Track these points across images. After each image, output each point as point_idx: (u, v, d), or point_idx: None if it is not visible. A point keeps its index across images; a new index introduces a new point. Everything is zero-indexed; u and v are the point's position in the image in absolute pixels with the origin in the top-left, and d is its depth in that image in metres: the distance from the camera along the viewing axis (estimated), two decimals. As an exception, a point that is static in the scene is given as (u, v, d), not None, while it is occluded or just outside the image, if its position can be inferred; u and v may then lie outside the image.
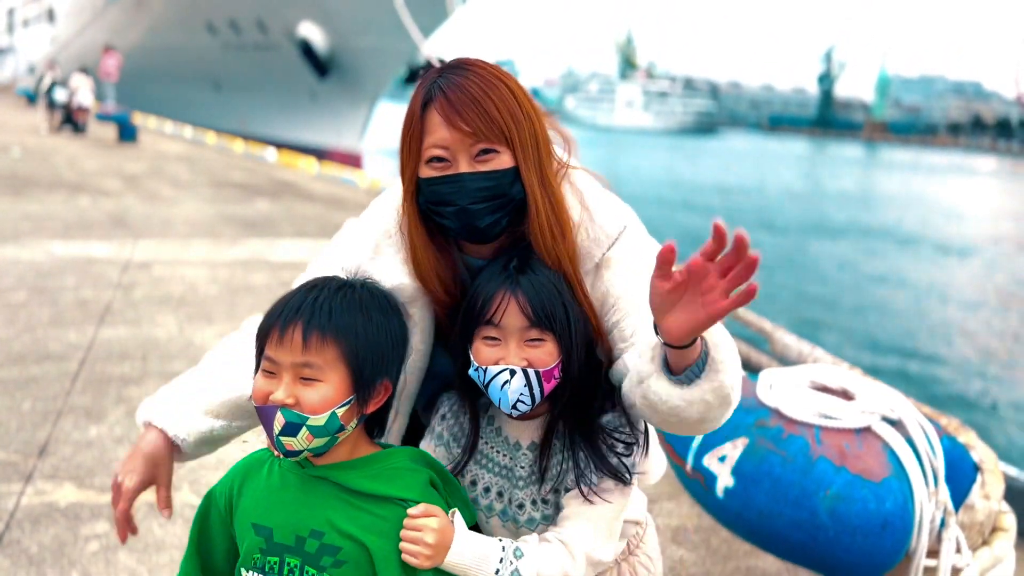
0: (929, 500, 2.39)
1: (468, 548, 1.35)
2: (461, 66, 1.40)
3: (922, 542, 2.37)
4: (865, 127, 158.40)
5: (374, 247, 1.52)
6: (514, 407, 1.38)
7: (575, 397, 1.43)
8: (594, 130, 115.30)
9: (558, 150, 1.54)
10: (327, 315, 1.31)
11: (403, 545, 1.32)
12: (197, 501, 3.44)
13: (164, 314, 6.19)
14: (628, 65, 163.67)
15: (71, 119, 21.34)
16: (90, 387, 4.66)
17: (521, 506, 1.46)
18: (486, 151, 1.38)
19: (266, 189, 13.98)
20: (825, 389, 2.70)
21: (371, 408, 1.37)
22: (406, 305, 1.50)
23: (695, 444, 2.65)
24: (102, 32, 37.69)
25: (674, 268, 1.20)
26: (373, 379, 1.35)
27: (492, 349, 1.39)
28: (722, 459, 2.53)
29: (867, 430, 2.50)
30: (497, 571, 1.36)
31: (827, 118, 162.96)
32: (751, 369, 4.15)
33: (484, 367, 1.38)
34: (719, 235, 1.15)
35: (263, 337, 1.34)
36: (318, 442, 1.32)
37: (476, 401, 1.52)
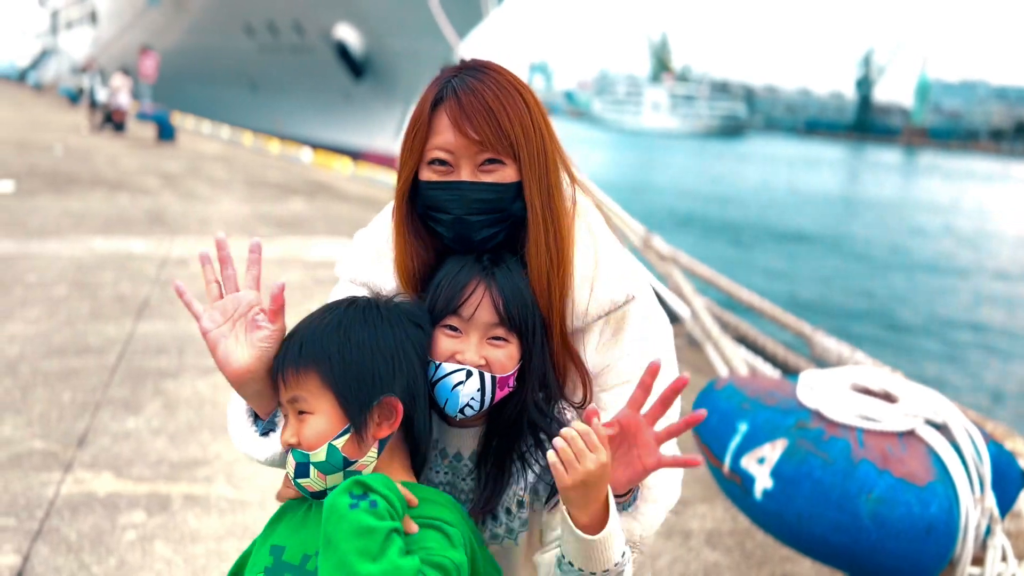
0: (975, 506, 2.33)
1: (615, 511, 1.21)
2: (479, 68, 1.33)
3: (967, 549, 2.31)
4: (904, 132, 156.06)
5: (375, 254, 1.47)
6: (461, 411, 1.28)
7: (518, 412, 1.32)
8: (620, 133, 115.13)
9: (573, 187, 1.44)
10: (298, 345, 1.27)
11: (560, 448, 1.15)
12: (232, 493, 3.48)
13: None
14: (662, 68, 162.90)
15: (111, 119, 21.72)
16: (128, 380, 4.72)
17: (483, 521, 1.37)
18: (491, 161, 1.30)
19: (301, 189, 14.10)
20: (867, 391, 2.64)
21: (381, 433, 1.25)
22: None
23: (733, 445, 2.61)
24: (142, 34, 38.34)
25: (602, 421, 1.18)
26: (367, 401, 1.23)
27: (451, 340, 1.29)
28: (761, 461, 2.48)
29: (911, 433, 2.45)
30: (624, 554, 1.23)
31: (865, 123, 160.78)
32: (790, 372, 4.09)
33: (439, 363, 1.28)
34: (646, 384, 1.20)
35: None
36: (332, 480, 1.24)
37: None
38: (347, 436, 1.23)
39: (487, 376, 1.27)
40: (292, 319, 1.33)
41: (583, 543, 1.19)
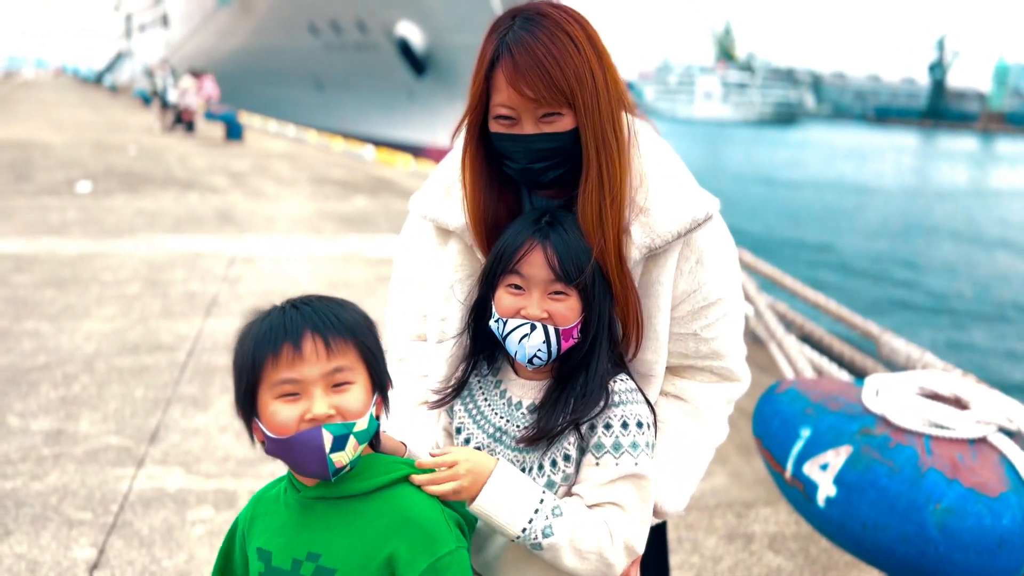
0: (1051, 518, 2.24)
1: (507, 485, 1.34)
2: (532, 16, 1.38)
3: (1043, 563, 2.22)
4: (981, 118, 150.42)
5: (445, 189, 1.57)
6: (530, 361, 1.38)
7: (585, 364, 1.41)
8: (673, 122, 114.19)
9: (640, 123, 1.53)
10: (332, 317, 1.28)
11: (431, 476, 1.31)
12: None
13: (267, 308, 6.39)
14: (727, 56, 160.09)
15: (181, 119, 22.34)
16: (197, 377, 4.86)
17: None
18: (550, 114, 1.39)
19: (364, 186, 14.29)
20: (936, 396, 2.56)
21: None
22: (473, 248, 1.54)
23: (795, 450, 2.56)
24: (211, 35, 39.32)
25: None
26: (384, 369, 1.33)
27: (515, 298, 1.38)
28: (824, 467, 2.43)
29: (982, 441, 2.37)
30: (530, 521, 1.33)
31: (939, 109, 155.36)
32: (857, 374, 3.99)
33: (504, 319, 1.38)
34: None
35: (259, 367, 1.27)
36: (360, 449, 1.27)
37: (481, 350, 1.51)
38: (375, 404, 1.30)
39: (550, 328, 1.36)
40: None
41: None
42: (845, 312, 4.39)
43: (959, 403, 2.52)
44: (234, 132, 20.93)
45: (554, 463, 1.41)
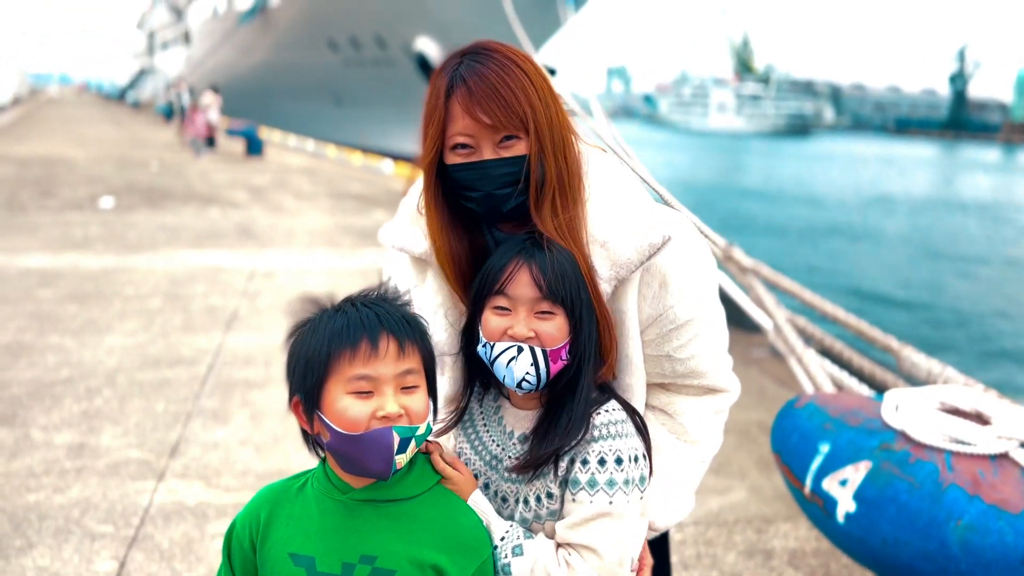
0: (1075, 535, 2.21)
1: (478, 509, 1.40)
2: (480, 51, 1.44)
3: (1067, 580, 2.19)
4: (1003, 129, 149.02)
5: (409, 220, 1.61)
6: (519, 385, 1.37)
7: (572, 389, 1.39)
8: (687, 134, 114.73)
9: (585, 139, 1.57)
10: (403, 320, 1.30)
11: None
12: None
13: (286, 321, 6.43)
14: (745, 69, 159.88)
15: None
16: (217, 391, 4.90)
17: (504, 499, 1.45)
18: (508, 138, 1.41)
19: (382, 200, 14.37)
20: (956, 412, 2.54)
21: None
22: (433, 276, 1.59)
23: (814, 466, 2.54)
24: (232, 52, 39.75)
25: None
26: (435, 381, 1.35)
27: (501, 319, 1.37)
28: (843, 483, 2.41)
29: (1004, 457, 2.34)
30: (493, 548, 1.37)
31: (960, 120, 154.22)
32: (877, 388, 3.96)
33: (491, 343, 1.37)
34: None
35: (333, 360, 1.27)
36: (411, 453, 1.29)
37: (476, 376, 1.52)
38: (431, 410, 1.33)
39: (537, 350, 1.34)
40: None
41: None
42: (865, 326, 4.35)
43: (980, 418, 2.49)
44: (254, 147, 21.13)
45: (538, 498, 1.41)
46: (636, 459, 1.39)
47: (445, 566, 1.29)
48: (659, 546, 1.72)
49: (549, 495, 1.39)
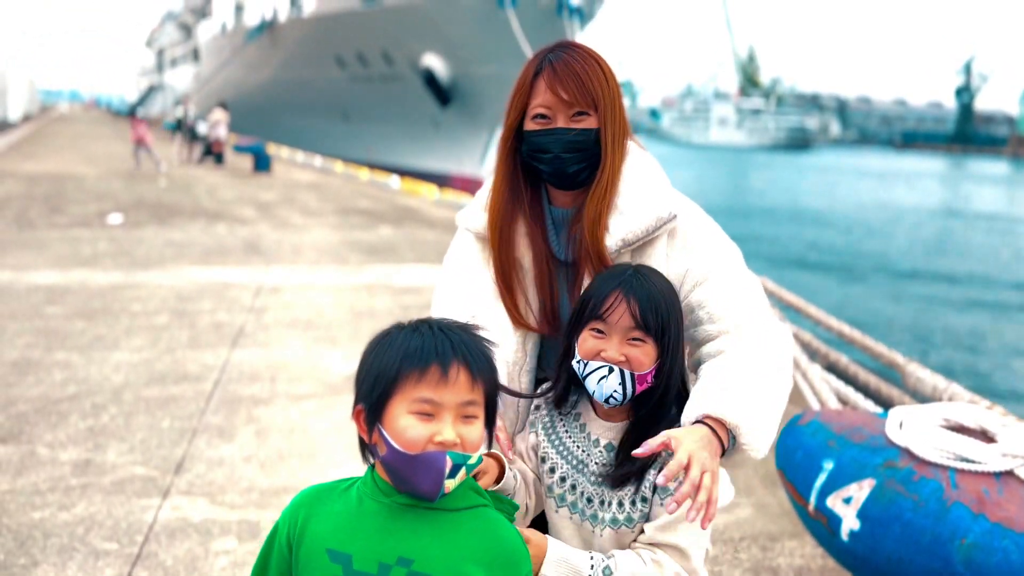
0: (1082, 554, 2.19)
1: (560, 557, 1.48)
2: (567, 46, 1.73)
3: (1074, 599, 2.17)
4: (1010, 142, 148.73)
5: (482, 205, 1.84)
6: (606, 400, 1.54)
7: (659, 408, 1.57)
8: (688, 148, 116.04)
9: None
10: (477, 352, 1.34)
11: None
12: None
13: (292, 337, 6.46)
14: (750, 83, 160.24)
15: (211, 151, 22.72)
16: (223, 407, 4.91)
17: (590, 500, 1.59)
18: (580, 113, 1.69)
19: (389, 216, 14.42)
20: (961, 429, 2.53)
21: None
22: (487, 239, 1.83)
23: (818, 483, 2.53)
24: (240, 68, 40.02)
25: None
26: (495, 414, 1.39)
27: (596, 341, 1.53)
28: (847, 500, 2.40)
29: (1009, 474, 2.33)
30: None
31: (967, 133, 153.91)
32: (882, 404, 3.95)
33: (585, 360, 1.54)
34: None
35: (401, 379, 1.31)
36: (460, 480, 1.33)
37: (567, 385, 1.67)
38: (485, 442, 1.38)
39: (626, 373, 1.51)
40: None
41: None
42: (870, 342, 4.35)
43: (985, 436, 2.49)
44: (262, 163, 21.24)
45: (633, 502, 1.56)
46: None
47: (489, 569, 1.32)
48: None
49: (644, 499, 1.55)
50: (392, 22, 28.11)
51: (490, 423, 1.37)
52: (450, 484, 1.30)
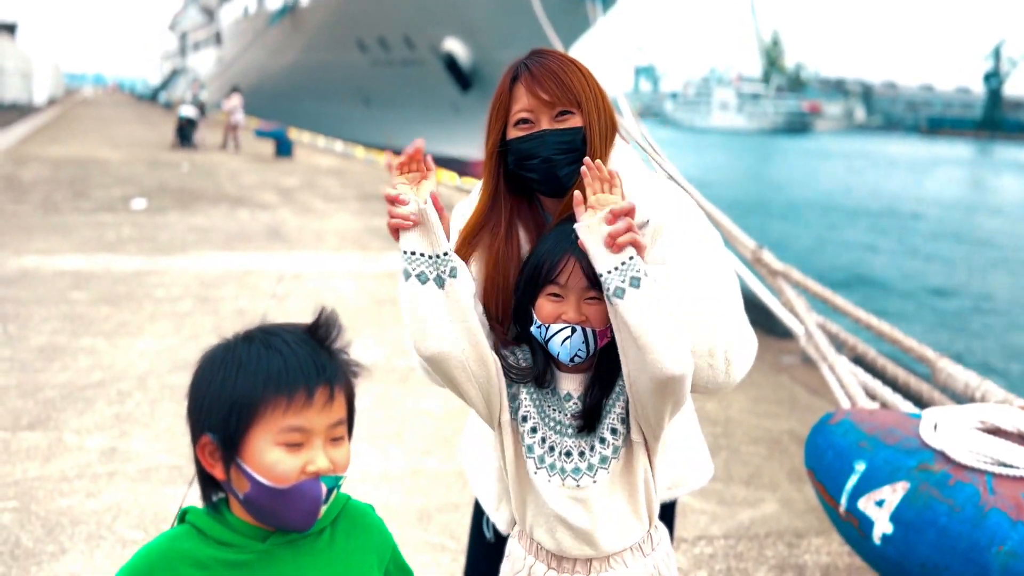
0: (1123, 562, 2.14)
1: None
2: (542, 52, 1.73)
3: (1114, 608, 2.12)
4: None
5: (463, 215, 1.86)
6: (571, 360, 1.56)
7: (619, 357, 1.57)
8: (691, 132, 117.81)
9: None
10: (336, 362, 1.23)
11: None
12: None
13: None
14: (774, 68, 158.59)
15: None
16: (247, 395, 4.91)
17: (568, 454, 1.60)
18: (563, 113, 1.67)
19: (410, 201, 14.39)
20: (998, 431, 2.48)
21: None
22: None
23: (850, 485, 2.49)
24: (262, 52, 40.08)
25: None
26: (352, 425, 1.28)
27: (555, 305, 1.56)
28: (880, 503, 2.36)
29: (1048, 479, 2.28)
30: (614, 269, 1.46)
31: (995, 119, 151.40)
32: (911, 399, 3.89)
33: (546, 325, 1.56)
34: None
35: (263, 407, 1.16)
36: (331, 501, 1.24)
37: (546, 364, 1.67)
38: None
39: (587, 330, 1.54)
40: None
41: None
42: (899, 335, 4.27)
43: (1023, 439, 2.43)
44: (284, 149, 21.28)
45: (613, 431, 1.59)
46: None
47: (378, 555, 1.34)
48: (666, 514, 1.90)
49: (613, 431, 1.58)
50: (414, 6, 28.02)
51: (351, 427, 1.26)
52: (323, 509, 1.21)
